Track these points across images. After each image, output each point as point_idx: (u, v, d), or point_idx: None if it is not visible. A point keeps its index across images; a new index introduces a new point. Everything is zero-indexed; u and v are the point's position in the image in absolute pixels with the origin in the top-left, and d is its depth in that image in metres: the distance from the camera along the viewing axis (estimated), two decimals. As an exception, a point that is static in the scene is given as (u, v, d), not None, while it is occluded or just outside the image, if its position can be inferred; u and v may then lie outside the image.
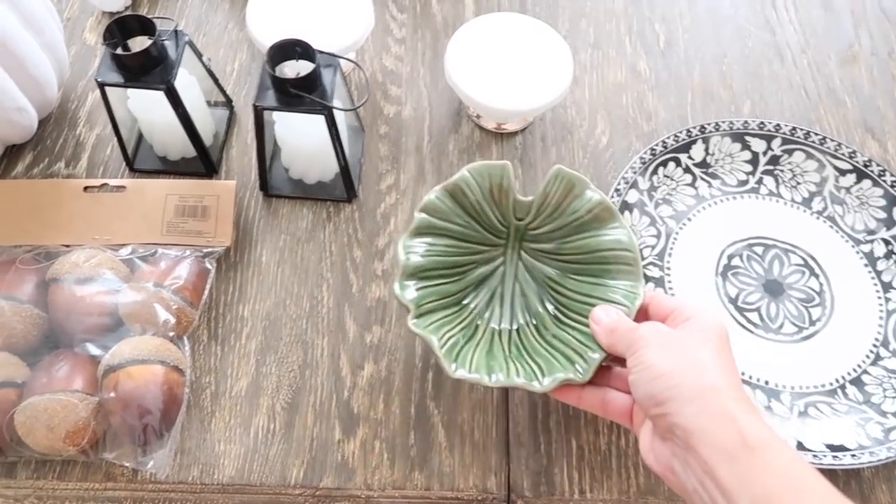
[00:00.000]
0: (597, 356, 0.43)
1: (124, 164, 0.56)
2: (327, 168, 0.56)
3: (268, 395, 0.49)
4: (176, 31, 0.50)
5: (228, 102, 0.60)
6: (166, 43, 0.49)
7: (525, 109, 0.55)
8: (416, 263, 0.46)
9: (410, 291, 0.46)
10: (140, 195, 0.52)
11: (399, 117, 0.60)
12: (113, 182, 0.53)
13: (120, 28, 0.48)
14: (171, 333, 0.47)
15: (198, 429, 0.47)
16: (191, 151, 0.56)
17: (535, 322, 0.50)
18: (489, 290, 0.51)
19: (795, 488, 0.31)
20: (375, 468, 0.47)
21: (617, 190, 0.54)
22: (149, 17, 0.48)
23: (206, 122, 0.56)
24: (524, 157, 0.59)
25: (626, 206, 0.54)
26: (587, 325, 0.45)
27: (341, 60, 0.51)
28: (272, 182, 0.56)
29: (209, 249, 0.51)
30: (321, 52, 0.48)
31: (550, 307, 0.49)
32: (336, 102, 0.49)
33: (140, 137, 0.57)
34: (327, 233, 0.55)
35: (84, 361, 0.46)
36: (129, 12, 0.58)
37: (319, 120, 0.50)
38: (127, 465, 0.45)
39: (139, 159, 0.57)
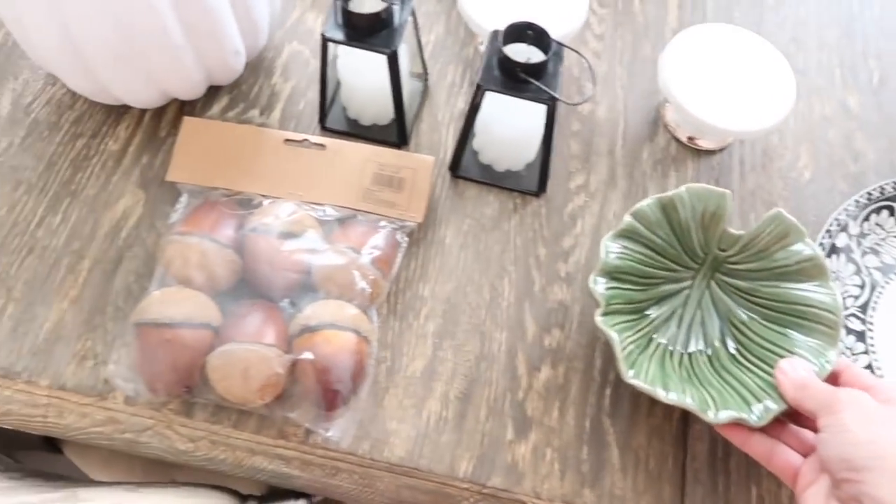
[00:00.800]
0: (775, 406, 0.42)
1: (317, 120, 0.56)
2: (520, 158, 0.54)
3: (442, 381, 0.48)
4: (405, -2, 0.49)
5: (424, 75, 0.58)
6: (394, 7, 0.48)
7: (745, 130, 0.52)
8: (614, 263, 0.46)
9: (601, 288, 0.45)
10: (339, 157, 0.52)
11: (593, 116, 0.58)
12: (313, 139, 0.52)
13: (360, -13, 0.47)
14: (366, 303, 0.46)
15: (371, 403, 0.47)
16: (384, 118, 0.56)
17: (709, 353, 0.48)
18: (670, 309, 0.49)
19: None
20: (546, 477, 0.46)
21: (828, 231, 0.51)
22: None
23: (406, 92, 0.55)
24: (721, 180, 0.56)
25: (833, 251, 0.51)
26: (768, 372, 0.45)
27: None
28: (462, 164, 0.55)
29: (402, 223, 0.50)
30: (554, 41, 0.46)
31: (732, 344, 0.48)
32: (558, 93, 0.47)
33: (334, 97, 0.56)
34: (512, 224, 0.53)
35: (276, 316, 0.45)
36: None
37: (536, 109, 0.48)
38: (309, 427, 0.44)
39: (330, 119, 0.56)
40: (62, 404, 0.45)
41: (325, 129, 0.56)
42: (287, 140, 0.52)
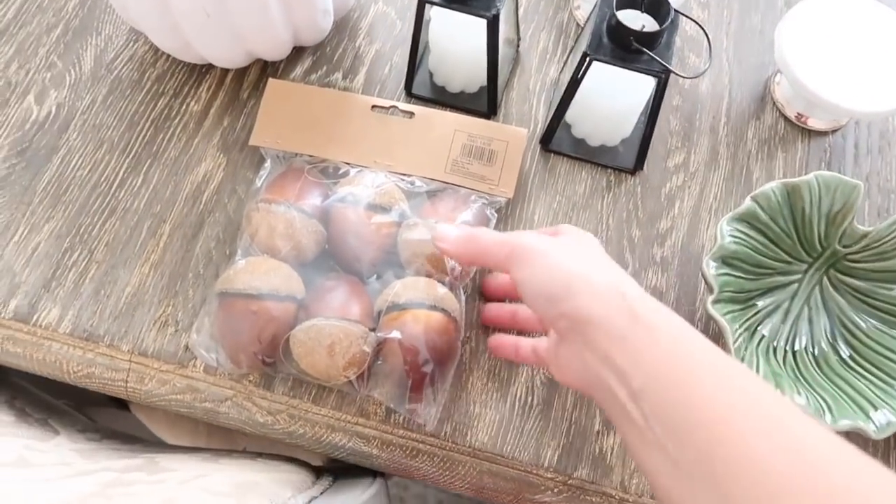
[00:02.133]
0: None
1: (401, 86, 0.53)
2: (617, 133, 0.51)
3: (528, 366, 0.46)
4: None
5: (517, 41, 0.55)
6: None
7: (866, 111, 0.47)
8: (731, 248, 0.43)
9: (713, 272, 0.43)
10: (427, 126, 0.49)
11: (695, 90, 0.54)
12: (402, 106, 0.50)
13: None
14: (454, 281, 0.44)
15: (454, 384, 0.45)
16: (473, 86, 0.53)
17: (814, 353, 0.45)
18: (776, 302, 0.47)
19: (686, 356, 0.30)
20: (634, 472, 0.43)
21: (956, 226, 0.47)
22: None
23: (500, 60, 0.52)
24: (832, 163, 0.52)
25: (960, 247, 0.47)
26: (885, 381, 0.42)
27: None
28: (555, 137, 0.52)
29: (492, 198, 0.48)
30: (677, 12, 0.43)
31: (844, 348, 0.45)
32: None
33: (421, 62, 0.54)
34: (605, 203, 0.50)
35: (362, 291, 0.44)
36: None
37: (643, 82, 0.45)
38: (392, 407, 0.43)
39: (416, 85, 0.53)
40: (143, 370, 0.45)
41: (411, 96, 0.53)
42: (374, 106, 0.50)
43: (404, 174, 0.48)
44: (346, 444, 0.44)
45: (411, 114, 0.49)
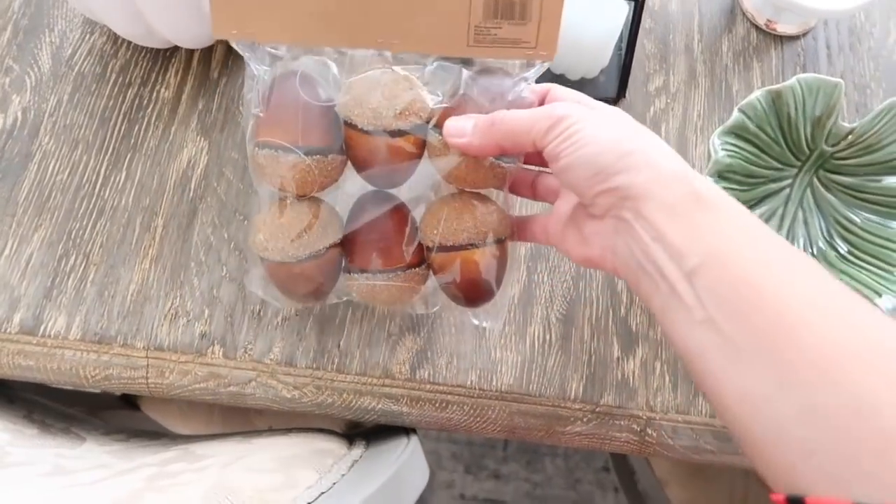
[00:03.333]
0: None
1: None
2: (595, 63, 0.51)
3: (541, 305, 0.46)
4: None
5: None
6: None
7: (833, 9, 0.48)
8: (725, 162, 0.44)
9: None
10: None
11: (665, 11, 0.54)
12: None
13: None
14: (501, 188, 0.39)
15: (473, 334, 0.46)
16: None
17: (813, 253, 0.47)
18: (771, 209, 0.48)
19: (749, 240, 0.29)
20: (657, 390, 0.45)
21: (933, 110, 0.48)
22: None
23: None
24: (808, 66, 0.53)
25: (939, 130, 0.48)
26: (883, 268, 0.44)
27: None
28: (534, 76, 0.51)
29: (529, 68, 0.37)
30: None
31: (841, 244, 0.46)
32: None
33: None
34: (593, 136, 0.51)
35: (400, 221, 0.39)
36: None
37: (616, 7, 0.45)
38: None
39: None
40: (161, 364, 0.45)
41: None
42: None
43: (415, 55, 0.37)
44: (375, 406, 0.45)
45: None
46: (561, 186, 0.38)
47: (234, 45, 0.37)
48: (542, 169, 0.40)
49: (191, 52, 0.52)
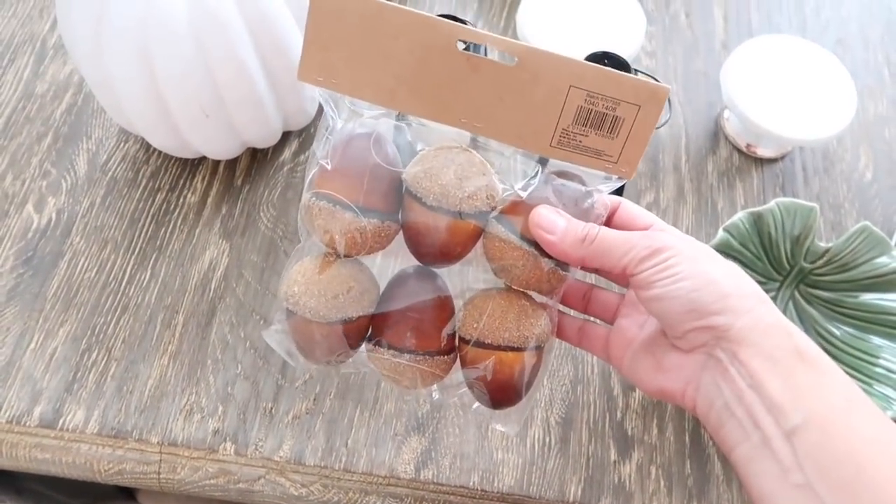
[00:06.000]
0: (891, 412, 0.44)
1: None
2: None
3: (541, 408, 0.49)
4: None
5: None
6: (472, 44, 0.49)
7: (810, 139, 0.53)
8: None
9: None
10: (534, 76, 0.34)
11: (656, 134, 0.59)
12: (502, 43, 0.34)
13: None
14: (547, 293, 0.38)
15: (475, 434, 0.47)
16: None
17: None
18: (756, 322, 0.51)
19: (854, 407, 0.28)
20: (653, 494, 0.46)
21: (902, 232, 0.52)
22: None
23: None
24: (786, 186, 0.57)
25: (909, 250, 0.52)
26: (863, 380, 0.47)
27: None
28: (534, 190, 0.55)
29: (604, 182, 0.37)
30: (635, 69, 0.47)
31: None
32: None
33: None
34: (589, 246, 0.54)
35: (443, 308, 0.38)
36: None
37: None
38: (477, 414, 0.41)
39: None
40: (174, 459, 0.46)
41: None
42: (461, 41, 0.35)
43: (496, 139, 0.36)
44: (380, 505, 0.46)
45: (513, 58, 0.35)
46: (625, 306, 0.38)
47: (317, 94, 0.37)
48: (594, 284, 0.40)
49: (217, 161, 0.56)
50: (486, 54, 0.38)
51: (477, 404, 0.39)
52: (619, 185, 0.37)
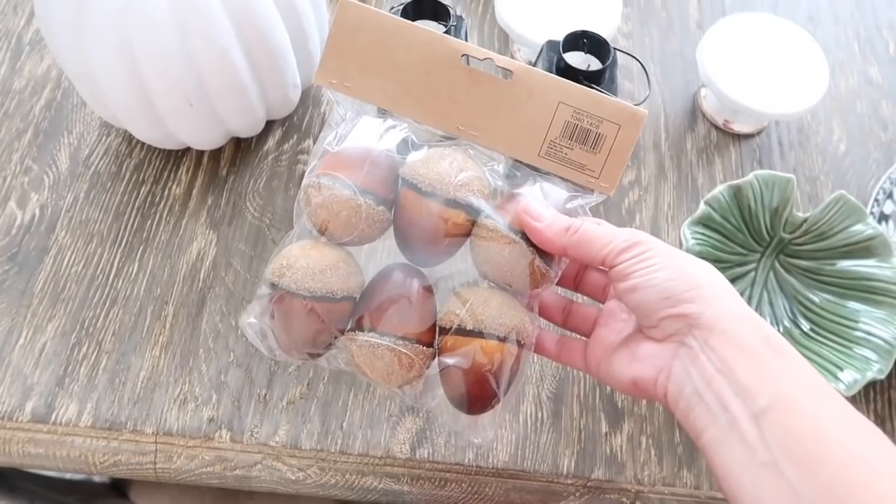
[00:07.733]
0: (860, 376, 0.45)
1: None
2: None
3: (533, 384, 0.49)
4: (460, 17, 0.50)
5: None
6: (453, 27, 0.49)
7: (785, 112, 0.54)
8: (695, 250, 0.48)
9: None
10: (527, 92, 0.39)
11: (634, 113, 0.60)
12: (500, 60, 0.39)
13: (414, 8, 0.48)
14: (531, 300, 0.39)
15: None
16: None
17: (780, 331, 0.51)
18: (738, 291, 0.51)
19: (817, 392, 0.30)
20: (644, 463, 0.47)
21: (876, 200, 0.54)
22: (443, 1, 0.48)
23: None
24: (763, 161, 0.59)
25: (882, 217, 0.54)
26: (842, 344, 0.48)
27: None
28: (518, 171, 0.56)
29: (585, 194, 0.40)
30: (614, 48, 0.48)
31: (804, 323, 0.51)
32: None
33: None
34: (574, 225, 0.55)
35: (425, 296, 0.39)
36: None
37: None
38: (448, 425, 0.43)
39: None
40: (169, 449, 0.46)
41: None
42: (466, 55, 0.39)
43: (487, 149, 0.40)
44: (377, 485, 0.46)
45: (510, 72, 0.39)
46: (603, 316, 0.39)
47: (329, 92, 0.41)
48: (574, 301, 0.42)
49: (201, 152, 0.56)
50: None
51: (445, 417, 0.40)
52: (600, 199, 0.40)
